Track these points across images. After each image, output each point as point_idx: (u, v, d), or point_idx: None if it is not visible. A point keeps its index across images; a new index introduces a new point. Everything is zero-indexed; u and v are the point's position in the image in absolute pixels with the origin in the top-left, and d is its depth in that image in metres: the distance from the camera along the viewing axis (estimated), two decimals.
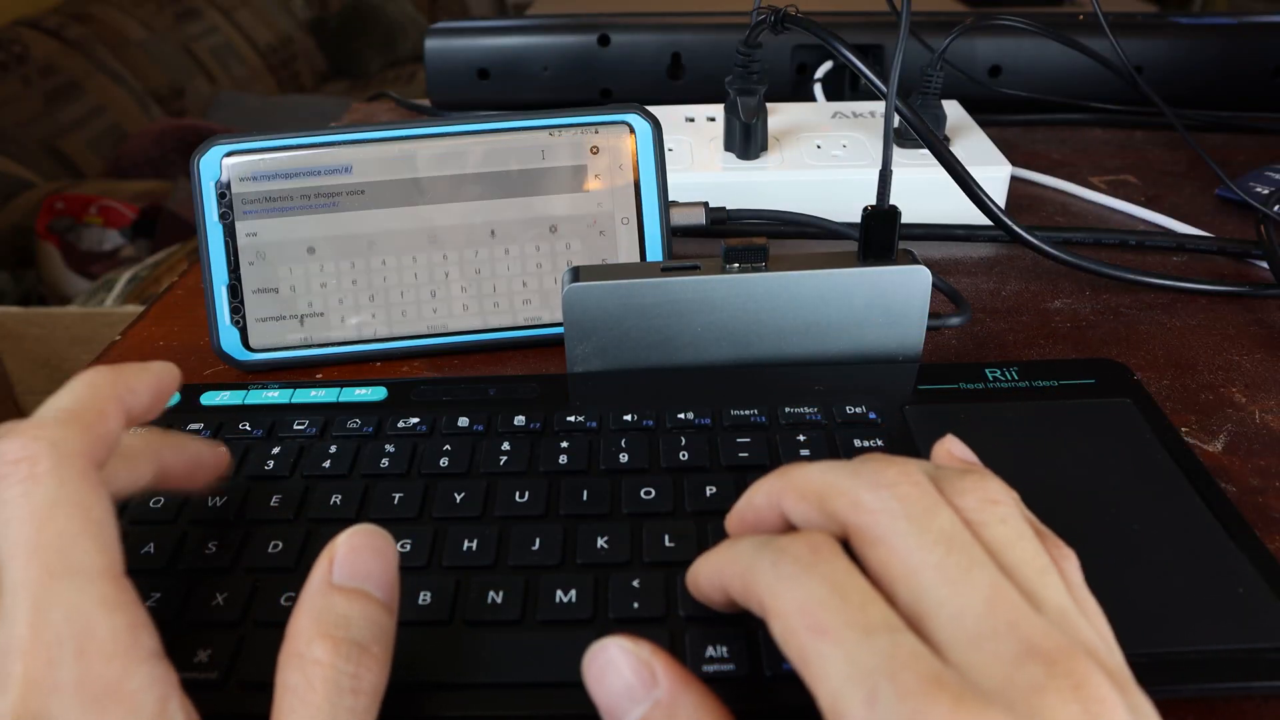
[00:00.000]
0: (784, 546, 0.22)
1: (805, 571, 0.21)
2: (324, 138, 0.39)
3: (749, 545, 0.23)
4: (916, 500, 0.21)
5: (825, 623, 0.20)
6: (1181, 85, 0.68)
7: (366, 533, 0.23)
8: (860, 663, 0.19)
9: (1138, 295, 0.46)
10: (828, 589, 0.20)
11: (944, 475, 0.23)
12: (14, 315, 1.32)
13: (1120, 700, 0.18)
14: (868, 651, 0.19)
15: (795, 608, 0.20)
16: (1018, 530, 0.22)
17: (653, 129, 0.41)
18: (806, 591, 0.20)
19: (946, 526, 0.21)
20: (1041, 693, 0.18)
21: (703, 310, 0.36)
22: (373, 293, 0.40)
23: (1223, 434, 0.36)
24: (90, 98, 1.93)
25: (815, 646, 0.19)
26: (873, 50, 0.69)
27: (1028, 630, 0.19)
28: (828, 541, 0.21)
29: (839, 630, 0.19)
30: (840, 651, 0.19)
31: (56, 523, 0.21)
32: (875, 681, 0.18)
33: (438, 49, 0.69)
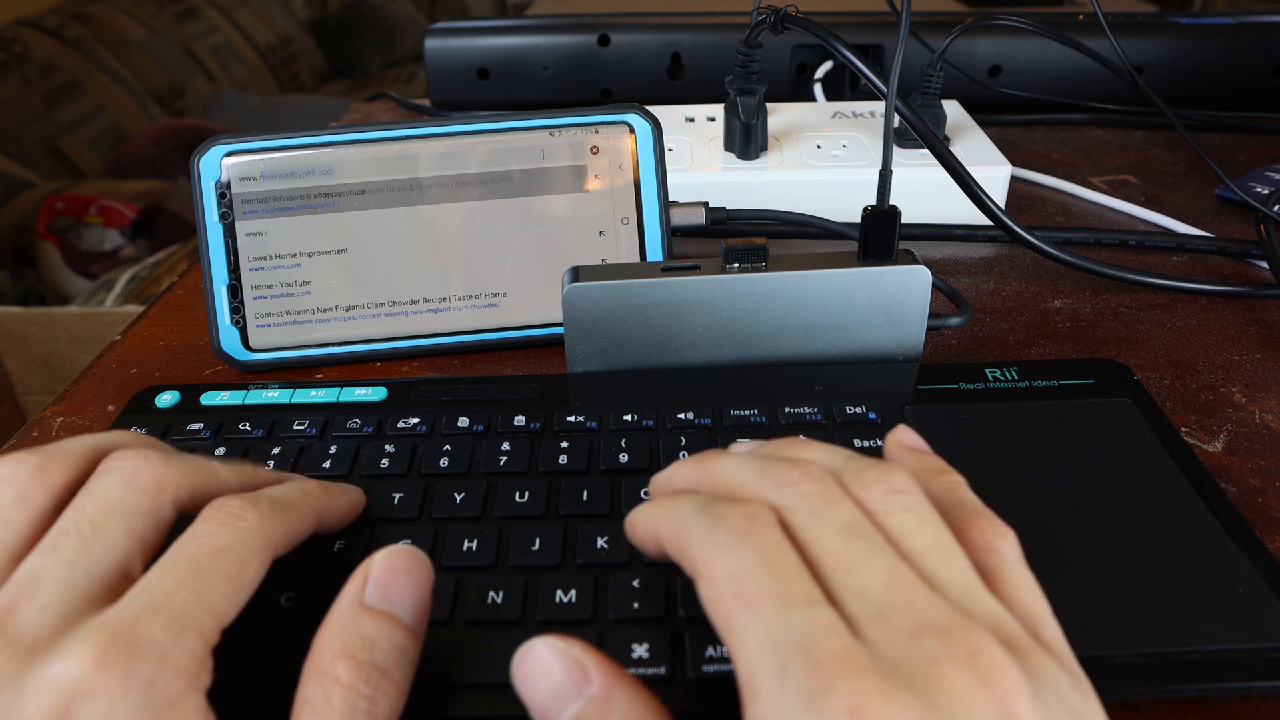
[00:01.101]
0: (721, 513, 0.22)
1: (738, 540, 0.21)
2: (324, 138, 0.39)
3: (688, 505, 0.23)
4: (816, 496, 0.23)
5: (751, 593, 0.20)
6: (1181, 85, 0.68)
7: (403, 554, 0.24)
8: (778, 635, 0.19)
9: (1138, 295, 0.46)
10: (757, 560, 0.21)
11: (851, 469, 0.24)
12: (14, 315, 1.32)
13: (1015, 666, 0.19)
14: (786, 625, 0.19)
15: (724, 575, 0.21)
16: (920, 517, 0.22)
17: (653, 129, 0.41)
18: (736, 560, 0.21)
19: (845, 517, 0.22)
20: (937, 664, 0.19)
21: (703, 310, 0.36)
22: (373, 293, 0.40)
23: (1223, 434, 0.36)
24: (90, 98, 1.93)
25: (739, 616, 0.20)
26: (873, 50, 0.69)
27: (923, 608, 0.20)
28: (763, 512, 0.22)
29: (762, 602, 0.20)
30: (761, 623, 0.20)
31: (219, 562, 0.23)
32: (789, 654, 0.19)
33: (438, 49, 0.69)
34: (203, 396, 0.36)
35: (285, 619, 0.27)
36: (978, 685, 0.18)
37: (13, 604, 0.21)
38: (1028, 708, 0.18)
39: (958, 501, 0.24)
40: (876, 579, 0.20)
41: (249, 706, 0.25)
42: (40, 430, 0.38)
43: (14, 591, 0.22)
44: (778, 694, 0.19)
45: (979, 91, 0.67)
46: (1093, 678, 0.22)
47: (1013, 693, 0.18)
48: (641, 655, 0.25)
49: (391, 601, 0.23)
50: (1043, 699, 0.19)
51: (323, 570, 0.28)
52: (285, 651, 0.26)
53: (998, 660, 0.19)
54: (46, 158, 1.78)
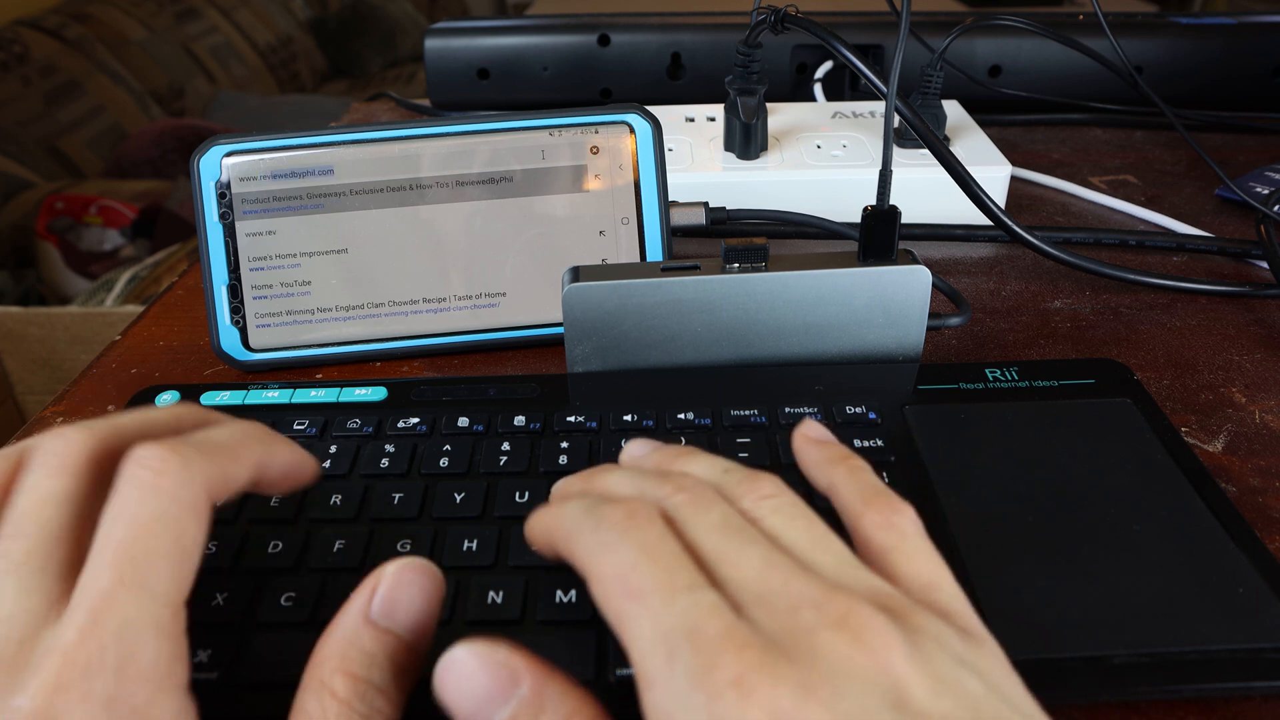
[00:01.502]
0: (604, 514, 0.23)
1: (620, 538, 0.22)
2: (324, 138, 0.39)
3: (575, 508, 0.24)
4: (690, 503, 0.24)
5: (636, 587, 0.21)
6: (1181, 85, 0.68)
7: (413, 568, 0.23)
8: (664, 624, 0.20)
9: (1138, 295, 0.46)
10: (640, 554, 0.22)
11: (726, 481, 0.25)
12: (14, 315, 1.32)
13: (888, 623, 0.20)
14: (671, 612, 0.20)
15: (611, 573, 0.22)
16: (789, 516, 0.24)
17: (653, 129, 0.41)
18: (620, 557, 0.22)
19: (718, 518, 0.23)
20: (813, 632, 0.20)
21: (703, 310, 0.36)
22: (373, 293, 0.40)
23: (1223, 434, 0.36)
24: (90, 98, 1.93)
25: (628, 609, 0.21)
26: (873, 50, 0.69)
27: (798, 587, 0.21)
28: (644, 508, 0.23)
29: (647, 593, 0.21)
30: (648, 613, 0.20)
31: (151, 537, 0.21)
32: (675, 641, 0.20)
33: (438, 49, 0.69)
34: (203, 396, 0.36)
35: (285, 618, 0.27)
36: (851, 645, 0.19)
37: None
38: (902, 658, 0.19)
39: (861, 484, 0.25)
40: (752, 567, 0.21)
41: (249, 706, 0.25)
42: (40, 430, 0.38)
43: None
44: (667, 678, 0.19)
45: (979, 91, 0.67)
46: (1093, 678, 0.22)
47: (888, 647, 0.19)
48: None
49: (397, 617, 0.23)
50: (921, 649, 0.20)
51: (323, 570, 0.28)
52: (285, 651, 0.26)
53: (868, 619, 0.20)
54: (46, 158, 1.78)
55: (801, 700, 0.18)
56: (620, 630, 0.21)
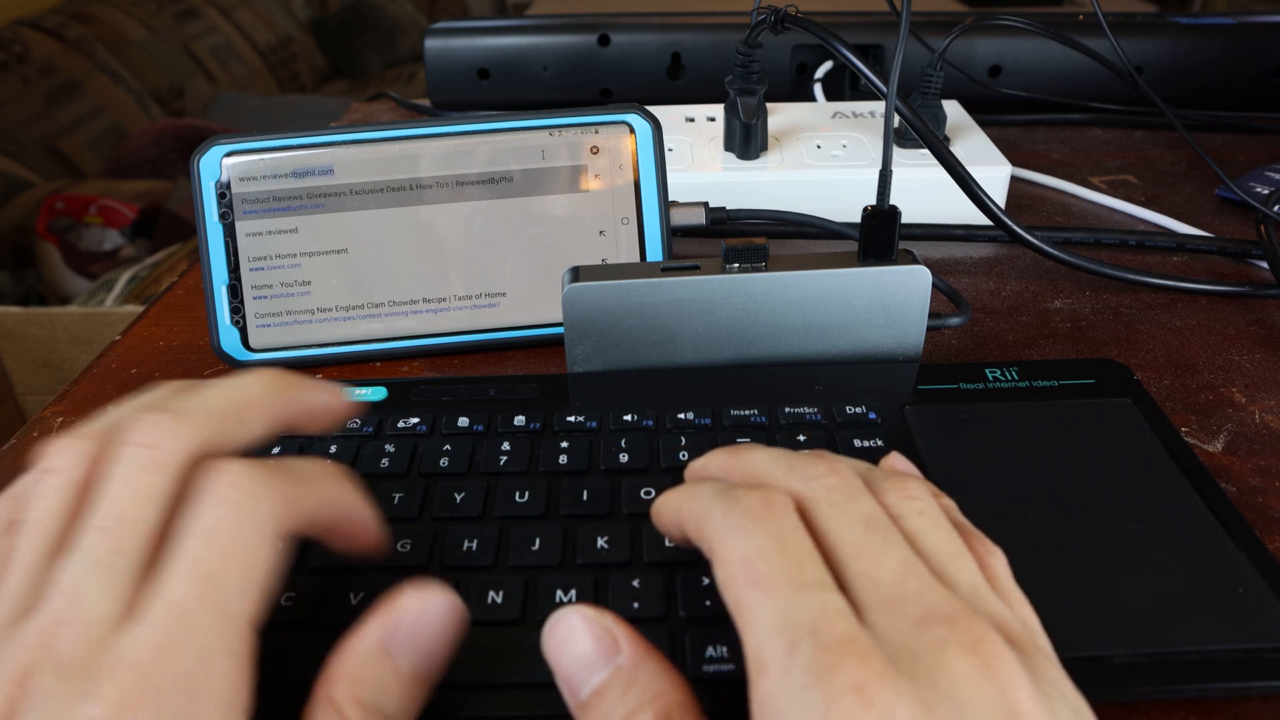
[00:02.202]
0: (738, 497, 0.23)
1: (753, 524, 0.22)
2: (324, 138, 0.39)
3: (708, 490, 0.24)
4: (839, 489, 0.23)
5: (763, 575, 0.21)
6: (1181, 85, 0.68)
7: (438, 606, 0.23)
8: (788, 616, 0.20)
9: (1138, 295, 0.46)
10: (771, 543, 0.22)
11: (872, 475, 0.25)
12: (14, 315, 1.32)
13: (1015, 658, 0.20)
14: (797, 607, 0.20)
15: (738, 557, 0.22)
16: (933, 521, 0.23)
17: (653, 129, 0.41)
18: (751, 543, 0.22)
19: (865, 510, 0.23)
20: (942, 648, 0.19)
21: (703, 310, 0.36)
22: (373, 293, 0.40)
23: (1223, 434, 0.36)
24: (90, 98, 1.93)
25: (751, 596, 0.21)
26: (873, 50, 0.69)
27: (932, 598, 0.21)
28: (780, 498, 0.23)
29: (774, 584, 0.21)
30: (772, 603, 0.20)
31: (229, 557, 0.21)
32: (798, 635, 0.20)
33: (438, 49, 0.69)
34: None
35: (285, 618, 0.27)
36: (980, 672, 0.19)
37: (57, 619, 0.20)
38: (1028, 697, 0.19)
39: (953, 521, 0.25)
40: (889, 568, 0.21)
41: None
42: (40, 430, 0.38)
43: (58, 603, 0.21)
44: (784, 671, 0.19)
45: (979, 91, 0.67)
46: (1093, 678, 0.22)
47: (1015, 681, 0.19)
48: None
49: (414, 651, 0.22)
50: (1044, 692, 0.19)
51: (322, 570, 0.28)
52: (286, 651, 0.26)
53: (1000, 650, 0.19)
54: (46, 158, 1.78)
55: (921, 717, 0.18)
56: (739, 614, 0.21)
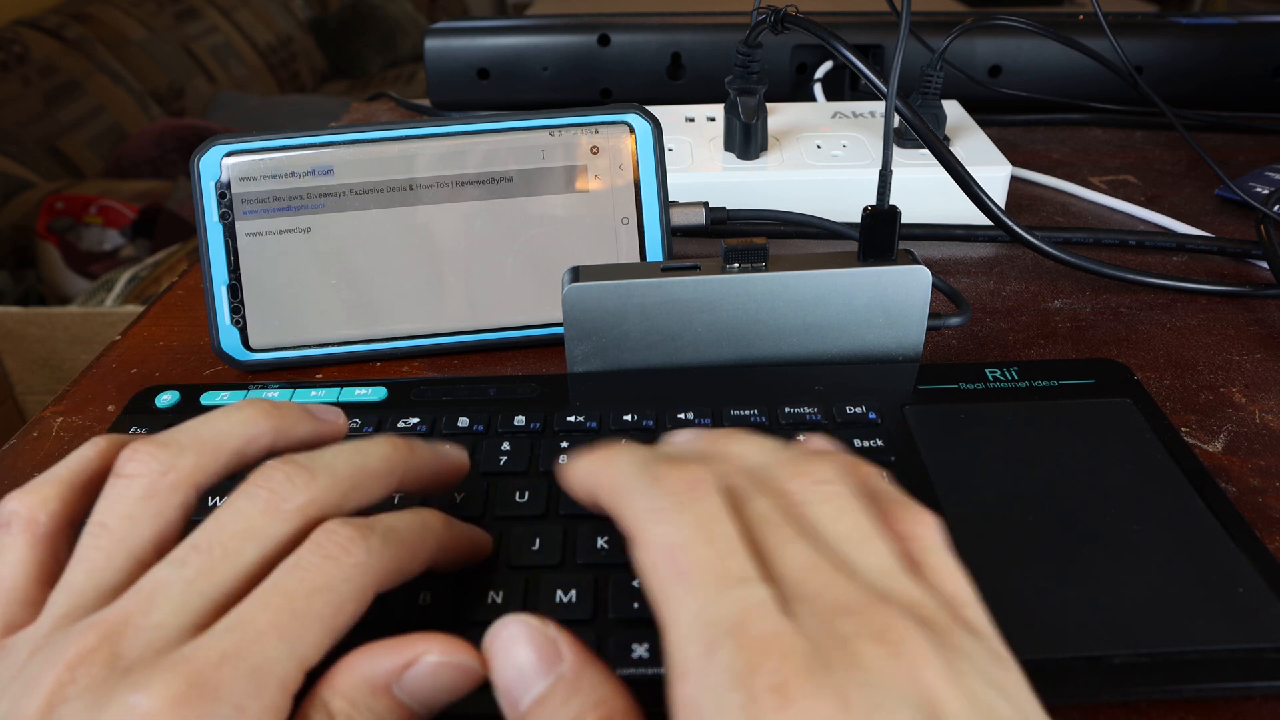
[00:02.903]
0: (661, 475, 0.22)
1: (677, 508, 0.21)
2: (324, 138, 0.39)
3: (628, 460, 0.23)
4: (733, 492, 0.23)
5: (686, 567, 0.20)
6: (1181, 85, 0.68)
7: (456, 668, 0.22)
8: (709, 613, 0.20)
9: (1138, 295, 0.46)
10: (694, 531, 0.21)
11: (778, 462, 0.24)
12: (14, 315, 1.32)
13: (924, 638, 0.19)
14: (719, 603, 0.20)
15: (661, 544, 0.21)
16: (840, 507, 0.23)
17: (653, 129, 0.41)
18: (674, 530, 0.21)
19: (762, 511, 0.22)
20: (851, 641, 0.19)
21: (703, 310, 0.36)
22: (373, 293, 0.40)
23: (1223, 434, 0.36)
24: (90, 98, 1.93)
25: (672, 589, 0.20)
26: (873, 50, 0.69)
27: (836, 592, 0.20)
28: (705, 480, 0.22)
29: (697, 577, 0.20)
30: (695, 599, 0.20)
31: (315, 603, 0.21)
32: (717, 634, 0.19)
33: (438, 49, 0.69)
34: (203, 396, 0.36)
35: None
36: (889, 659, 0.19)
37: (127, 618, 0.21)
38: (937, 675, 0.19)
39: (877, 492, 0.24)
40: (794, 566, 0.21)
41: None
42: (40, 430, 0.38)
43: (131, 603, 0.21)
44: (704, 672, 0.19)
45: (979, 91, 0.67)
46: (1093, 678, 0.22)
47: (924, 663, 0.19)
48: (641, 655, 0.25)
49: (418, 699, 0.22)
50: (955, 667, 0.19)
51: None
52: None
53: (907, 633, 0.19)
54: (46, 158, 1.78)
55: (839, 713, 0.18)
56: (659, 607, 0.21)
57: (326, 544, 0.22)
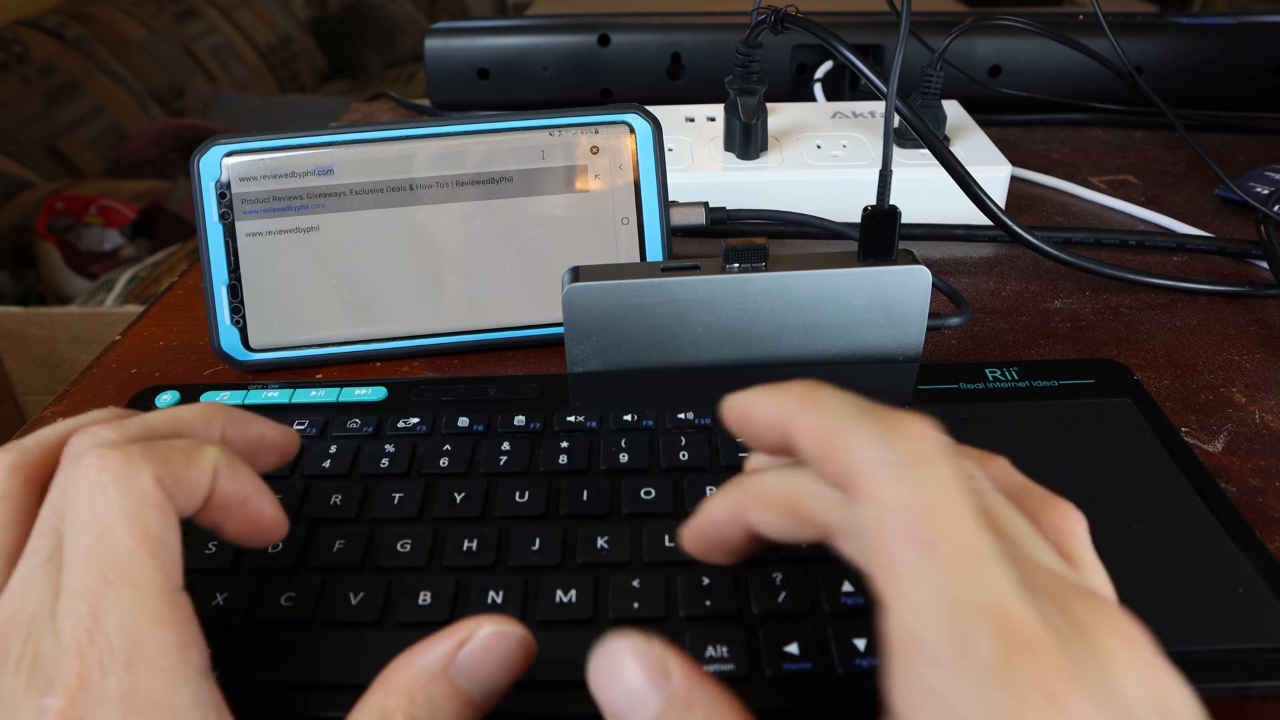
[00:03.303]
0: (898, 424, 0.20)
1: (922, 465, 0.19)
2: (324, 138, 0.39)
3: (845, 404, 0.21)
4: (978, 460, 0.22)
5: (931, 536, 0.18)
6: (1181, 85, 0.68)
7: (508, 639, 0.22)
8: (962, 595, 0.17)
9: (1138, 295, 0.46)
10: (941, 496, 0.19)
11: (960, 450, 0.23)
12: (14, 315, 1.32)
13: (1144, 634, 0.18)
14: (971, 585, 0.17)
15: (901, 504, 0.18)
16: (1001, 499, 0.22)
17: (653, 129, 0.41)
18: (919, 492, 0.19)
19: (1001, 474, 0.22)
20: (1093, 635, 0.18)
21: (703, 310, 0.36)
22: (373, 293, 0.40)
23: (1223, 434, 0.36)
24: (90, 98, 1.93)
25: (911, 558, 0.18)
26: (873, 50, 0.69)
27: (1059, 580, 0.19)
28: (946, 444, 0.20)
29: (945, 550, 0.18)
30: (941, 574, 0.18)
31: (115, 534, 0.21)
32: (975, 621, 0.17)
33: (438, 49, 0.69)
34: (203, 396, 0.36)
35: (285, 618, 0.27)
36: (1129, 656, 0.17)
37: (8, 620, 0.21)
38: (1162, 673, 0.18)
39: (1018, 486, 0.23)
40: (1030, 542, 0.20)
41: (249, 706, 0.25)
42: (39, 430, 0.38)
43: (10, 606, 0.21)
44: (961, 661, 0.17)
45: (979, 91, 0.67)
46: None
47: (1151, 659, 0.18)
48: None
49: (475, 679, 0.22)
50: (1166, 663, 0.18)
51: (322, 570, 0.28)
52: (285, 651, 0.26)
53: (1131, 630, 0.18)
54: (46, 158, 1.78)
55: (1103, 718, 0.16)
56: (888, 573, 0.18)
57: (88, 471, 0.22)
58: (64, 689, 0.20)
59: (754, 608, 0.26)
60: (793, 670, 0.25)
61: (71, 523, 0.22)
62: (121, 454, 0.22)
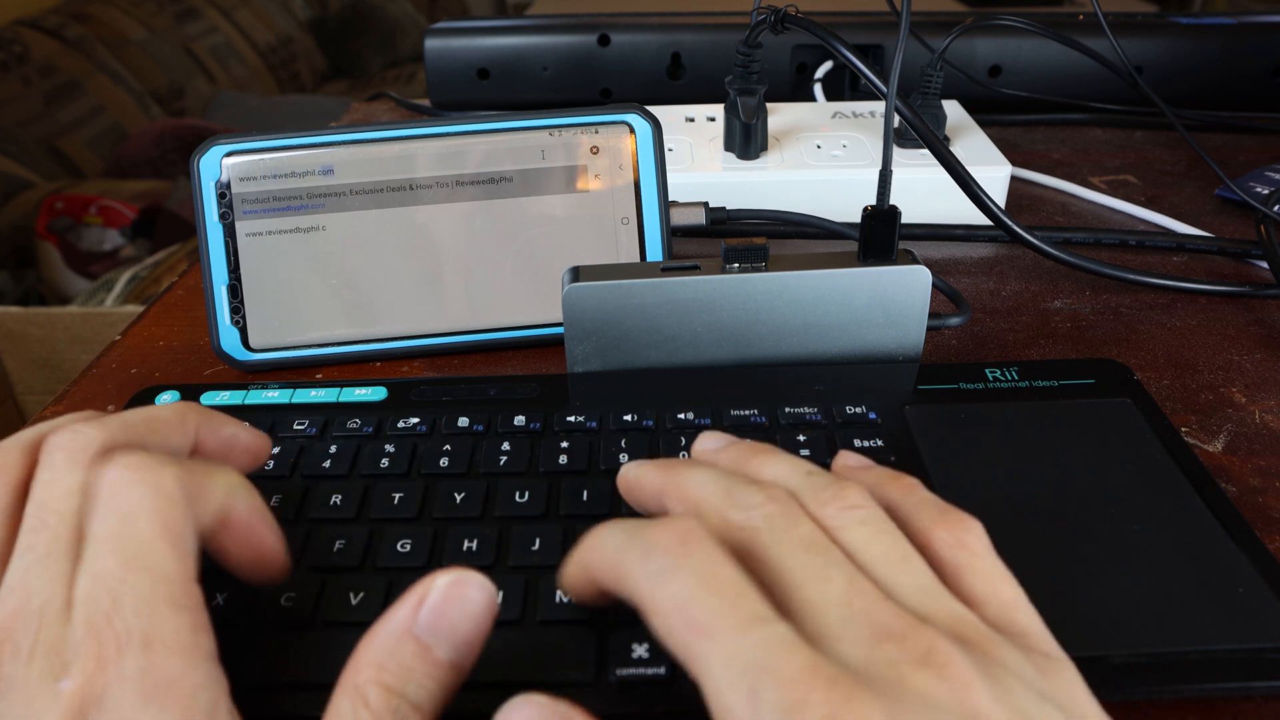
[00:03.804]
0: (653, 539, 0.22)
1: (676, 566, 0.21)
2: (324, 138, 0.39)
3: (615, 535, 0.23)
4: (779, 516, 0.23)
5: (701, 620, 0.20)
6: (1181, 85, 0.68)
7: (466, 584, 0.22)
8: (739, 658, 0.19)
9: (1138, 295, 0.46)
10: (699, 583, 0.21)
11: (810, 487, 0.24)
12: (14, 315, 1.32)
13: (968, 660, 0.20)
14: (745, 646, 0.19)
15: (671, 606, 0.21)
16: (875, 529, 0.23)
17: (653, 129, 0.41)
18: (680, 588, 0.21)
19: (805, 535, 0.23)
20: (897, 666, 0.19)
21: (703, 310, 0.36)
22: (373, 293, 0.40)
23: (1223, 434, 0.36)
24: (90, 98, 1.93)
25: (695, 645, 0.20)
26: (873, 50, 0.69)
27: (879, 616, 0.20)
28: (695, 529, 0.22)
29: (714, 627, 0.20)
30: (719, 649, 0.20)
31: (139, 524, 0.22)
32: (755, 676, 0.19)
33: (438, 49, 0.69)
34: (203, 396, 0.36)
35: (285, 618, 0.27)
36: (936, 681, 0.19)
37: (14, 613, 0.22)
38: (986, 696, 0.19)
39: (919, 503, 0.25)
40: (834, 591, 0.21)
41: (249, 706, 0.25)
42: None
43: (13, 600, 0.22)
44: (754, 716, 0.19)
45: (979, 91, 0.67)
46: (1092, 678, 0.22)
47: (970, 686, 0.19)
48: (641, 655, 0.25)
49: (440, 633, 0.22)
50: (1002, 685, 0.19)
51: (322, 570, 0.28)
52: (285, 651, 0.26)
53: (951, 657, 0.20)
54: (46, 158, 1.78)
55: None
56: (690, 665, 0.20)
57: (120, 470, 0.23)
58: (80, 670, 0.20)
59: None
60: None
61: (99, 514, 0.23)
62: (148, 456, 0.24)
